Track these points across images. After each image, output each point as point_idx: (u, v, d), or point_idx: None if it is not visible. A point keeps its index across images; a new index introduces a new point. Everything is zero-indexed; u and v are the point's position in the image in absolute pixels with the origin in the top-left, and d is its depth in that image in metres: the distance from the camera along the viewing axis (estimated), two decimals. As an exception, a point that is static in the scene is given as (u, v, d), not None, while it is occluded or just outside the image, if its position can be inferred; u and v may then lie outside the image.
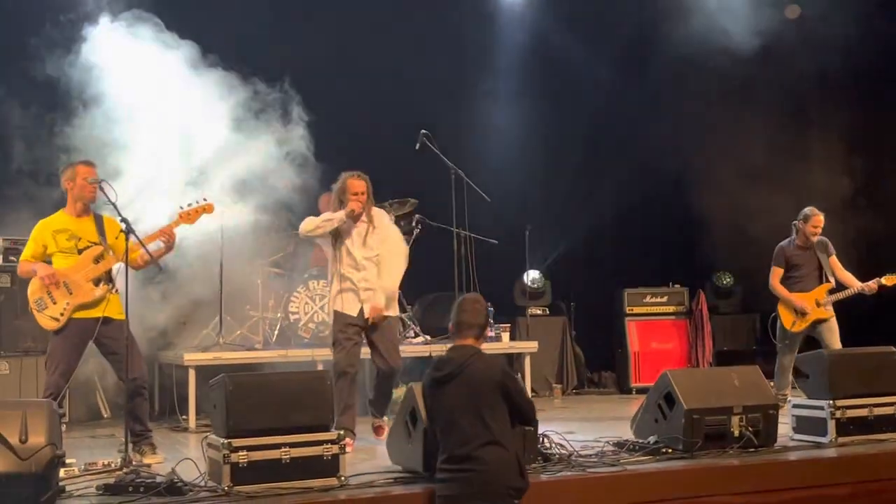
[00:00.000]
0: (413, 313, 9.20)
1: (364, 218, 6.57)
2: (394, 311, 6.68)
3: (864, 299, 8.13)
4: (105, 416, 8.53)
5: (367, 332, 6.52)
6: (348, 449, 5.44)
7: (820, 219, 8.12)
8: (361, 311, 6.46)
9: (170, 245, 6.13)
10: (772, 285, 8.23)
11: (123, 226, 5.73)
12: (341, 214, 6.45)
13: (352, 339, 6.43)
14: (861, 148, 10.44)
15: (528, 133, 10.87)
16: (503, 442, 4.43)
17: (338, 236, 6.53)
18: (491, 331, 9.11)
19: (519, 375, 9.01)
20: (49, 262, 6.03)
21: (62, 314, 5.89)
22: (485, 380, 4.48)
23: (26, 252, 6.09)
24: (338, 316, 6.49)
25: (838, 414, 5.97)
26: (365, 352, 8.15)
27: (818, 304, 8.03)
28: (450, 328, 4.73)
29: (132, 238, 5.75)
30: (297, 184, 8.73)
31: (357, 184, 6.52)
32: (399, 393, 8.64)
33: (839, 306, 8.11)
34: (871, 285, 7.97)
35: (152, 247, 6.04)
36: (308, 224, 6.55)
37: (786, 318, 8.13)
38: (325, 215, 6.53)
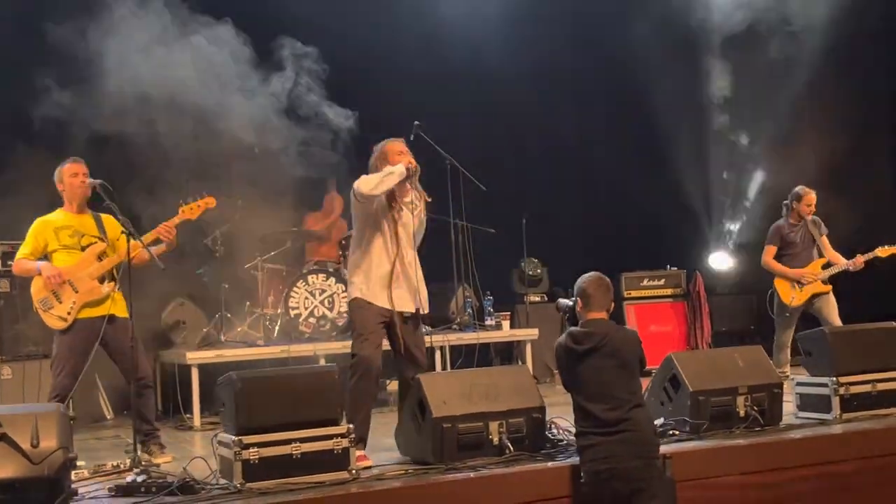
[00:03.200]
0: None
1: (412, 196, 5.74)
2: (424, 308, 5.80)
3: (860, 276, 8.21)
4: (108, 417, 8.50)
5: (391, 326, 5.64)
6: (367, 463, 5.25)
7: (812, 197, 8.24)
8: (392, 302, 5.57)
9: (171, 243, 6.14)
10: (765, 262, 8.33)
11: (125, 229, 5.72)
12: (401, 168, 5.56)
13: (378, 333, 5.58)
14: (852, 124, 10.47)
15: (521, 119, 10.87)
16: (643, 403, 4.84)
17: (387, 209, 5.66)
18: (491, 319, 9.15)
19: (520, 362, 9.07)
20: (48, 260, 6.02)
21: (69, 313, 5.88)
22: (629, 349, 4.81)
23: (24, 249, 6.03)
24: (364, 305, 5.57)
25: (842, 390, 6.00)
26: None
27: (815, 277, 8.11)
28: (578, 305, 4.90)
29: (135, 238, 5.75)
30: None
31: (397, 143, 5.77)
32: (397, 385, 8.71)
33: (841, 285, 8.20)
34: (857, 261, 8.10)
35: (153, 245, 6.04)
36: (369, 181, 5.51)
37: (784, 293, 8.20)
38: (386, 170, 5.57)
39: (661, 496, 4.69)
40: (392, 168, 5.56)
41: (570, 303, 5.08)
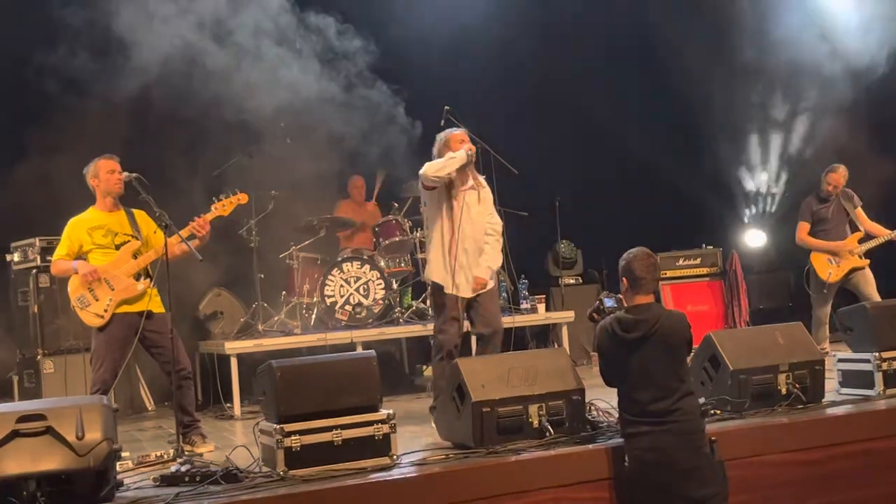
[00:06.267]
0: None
1: (471, 181, 6.22)
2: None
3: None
4: (149, 408, 8.59)
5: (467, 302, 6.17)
6: None
7: (835, 176, 8.13)
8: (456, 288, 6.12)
9: (204, 237, 6.17)
10: (800, 239, 8.27)
11: (162, 222, 5.75)
12: (462, 153, 6.07)
13: (458, 318, 6.10)
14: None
15: (552, 101, 10.81)
16: (692, 389, 4.72)
17: (447, 195, 6.14)
18: (527, 302, 9.12)
19: (556, 345, 9.04)
20: (84, 260, 6.07)
21: (106, 310, 5.93)
22: (679, 337, 4.68)
23: (60, 250, 6.09)
24: (442, 290, 6.11)
25: (885, 366, 5.93)
26: (400, 331, 8.26)
27: (851, 253, 8.03)
28: (623, 286, 4.77)
29: (171, 231, 5.78)
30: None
31: (458, 132, 6.29)
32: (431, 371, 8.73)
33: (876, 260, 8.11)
34: None
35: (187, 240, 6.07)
36: (434, 165, 6.04)
37: (821, 269, 8.13)
38: (448, 155, 6.08)
39: (713, 483, 4.58)
40: (454, 153, 6.07)
41: (601, 304, 5.00)
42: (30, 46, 8.09)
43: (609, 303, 5.08)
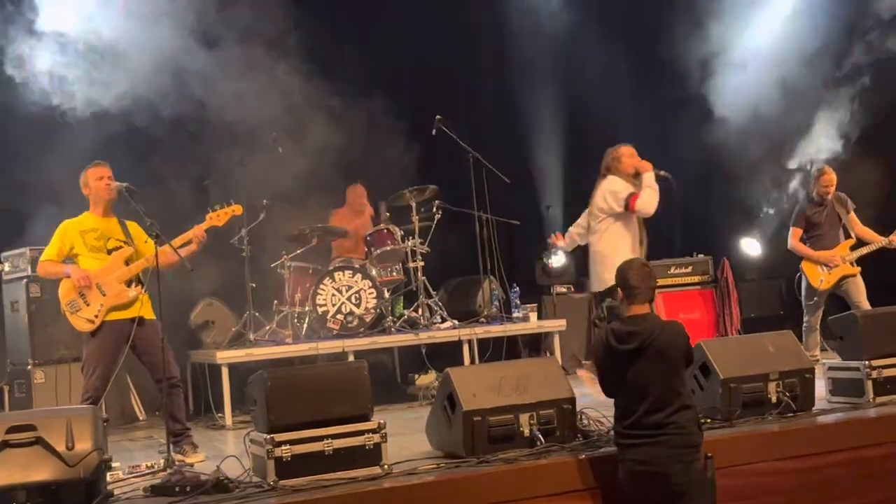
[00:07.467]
0: (438, 298, 9.21)
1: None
2: None
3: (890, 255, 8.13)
4: (141, 418, 8.57)
5: None
6: None
7: (830, 177, 8.11)
8: None
9: (200, 243, 6.19)
10: (792, 246, 8.24)
11: (153, 231, 5.75)
12: (653, 179, 7.14)
13: None
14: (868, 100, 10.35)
15: (542, 109, 10.84)
16: (689, 402, 4.63)
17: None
18: (518, 311, 9.12)
19: (548, 354, 9.04)
20: (73, 263, 6.06)
21: (97, 316, 5.93)
22: (675, 350, 4.61)
23: (50, 251, 6.08)
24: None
25: (874, 374, 5.94)
26: (392, 340, 8.26)
27: (843, 260, 8.03)
28: (619, 295, 4.77)
29: (163, 242, 5.78)
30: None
31: (630, 147, 7.29)
32: (426, 379, 8.74)
33: (867, 267, 8.11)
34: (895, 239, 7.98)
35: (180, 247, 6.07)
36: (650, 203, 7.12)
37: (812, 276, 8.12)
38: (649, 190, 7.13)
39: (700, 500, 4.55)
40: (652, 185, 7.10)
41: (604, 311, 4.99)
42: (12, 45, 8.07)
43: None
